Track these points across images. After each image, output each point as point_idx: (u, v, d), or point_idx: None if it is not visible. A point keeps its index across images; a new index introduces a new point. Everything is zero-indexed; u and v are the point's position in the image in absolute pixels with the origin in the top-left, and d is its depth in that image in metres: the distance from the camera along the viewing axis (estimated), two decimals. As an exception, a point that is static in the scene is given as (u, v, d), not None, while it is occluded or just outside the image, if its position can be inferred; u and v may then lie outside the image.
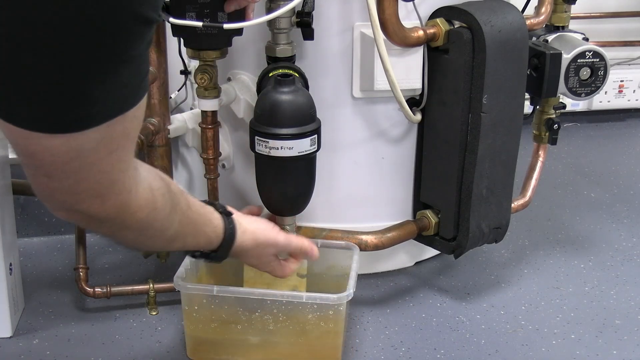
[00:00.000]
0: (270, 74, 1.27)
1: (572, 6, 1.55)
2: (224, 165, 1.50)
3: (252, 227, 1.15)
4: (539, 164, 1.67)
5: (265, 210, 1.35)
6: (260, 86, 1.29)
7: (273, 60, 1.30)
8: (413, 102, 1.41)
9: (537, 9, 1.51)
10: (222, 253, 1.11)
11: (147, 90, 0.78)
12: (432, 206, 1.47)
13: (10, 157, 1.34)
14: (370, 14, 1.25)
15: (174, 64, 1.45)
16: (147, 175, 0.87)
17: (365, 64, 1.37)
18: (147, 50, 0.73)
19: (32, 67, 0.66)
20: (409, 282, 1.56)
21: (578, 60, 1.48)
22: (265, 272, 1.23)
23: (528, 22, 1.41)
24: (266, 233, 1.17)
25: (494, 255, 1.66)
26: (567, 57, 1.47)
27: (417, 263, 1.62)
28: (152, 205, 0.87)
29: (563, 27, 1.55)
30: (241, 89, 1.41)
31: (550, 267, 1.62)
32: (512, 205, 1.55)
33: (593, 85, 1.51)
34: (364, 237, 1.42)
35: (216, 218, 1.08)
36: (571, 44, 1.49)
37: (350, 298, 1.23)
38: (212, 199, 1.40)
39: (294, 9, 1.24)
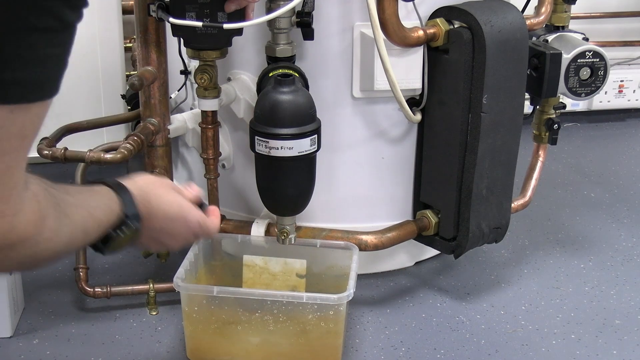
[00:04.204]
0: (270, 74, 1.27)
1: (572, 6, 1.55)
2: (224, 165, 1.50)
3: (138, 176, 0.96)
4: (539, 164, 1.67)
5: (265, 210, 1.36)
6: (260, 86, 1.29)
7: (273, 60, 1.30)
8: (413, 102, 1.41)
9: (537, 9, 1.51)
10: (130, 208, 0.89)
11: (57, 93, 0.69)
12: (432, 206, 1.47)
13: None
14: (370, 14, 1.25)
15: (174, 64, 1.45)
16: (30, 182, 0.74)
17: (365, 64, 1.37)
18: (71, 30, 0.66)
19: None
20: (409, 282, 1.56)
21: (578, 60, 1.48)
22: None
23: (528, 22, 1.41)
24: (149, 174, 1.01)
25: (494, 255, 1.66)
26: (567, 57, 1.47)
27: (417, 263, 1.62)
28: (39, 214, 0.74)
29: (563, 27, 1.55)
30: (241, 89, 1.40)
31: (550, 267, 1.62)
32: (512, 205, 1.55)
33: (593, 85, 1.51)
34: (364, 237, 1.42)
35: (96, 186, 0.90)
36: (571, 44, 1.49)
37: (350, 298, 1.23)
38: (212, 199, 1.40)
39: (294, 9, 1.24)
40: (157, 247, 1.01)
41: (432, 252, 1.60)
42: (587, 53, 1.48)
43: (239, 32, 1.23)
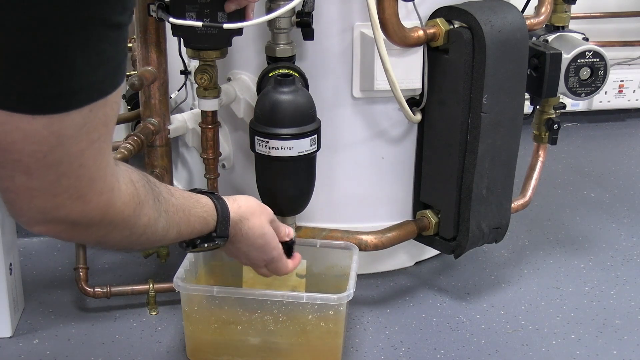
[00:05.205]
0: (270, 74, 1.27)
1: (572, 6, 1.55)
2: (224, 165, 1.50)
3: (239, 196, 1.10)
4: (539, 164, 1.67)
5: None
6: (260, 86, 1.29)
7: (273, 60, 1.30)
8: (413, 102, 1.41)
9: (537, 9, 1.51)
10: (222, 230, 1.04)
11: (125, 75, 0.74)
12: (432, 206, 1.47)
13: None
14: (370, 14, 1.25)
15: (174, 64, 1.45)
16: (125, 169, 0.83)
17: (365, 64, 1.37)
18: (127, 24, 0.69)
19: (6, 31, 0.62)
20: (409, 282, 1.56)
21: (578, 60, 1.48)
22: (265, 269, 1.20)
23: (528, 22, 1.41)
24: (255, 200, 1.12)
25: (494, 255, 1.66)
26: (567, 57, 1.47)
27: (417, 263, 1.62)
28: (137, 199, 0.82)
29: (563, 27, 1.55)
30: (241, 89, 1.41)
31: (550, 267, 1.62)
32: (512, 205, 1.55)
33: (593, 85, 1.51)
34: (364, 237, 1.42)
35: (202, 197, 1.03)
36: (571, 44, 1.49)
37: (350, 298, 1.23)
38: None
39: (294, 9, 1.24)
40: (230, 255, 1.15)
41: (432, 252, 1.60)
42: (587, 53, 1.48)
43: (239, 32, 1.23)
